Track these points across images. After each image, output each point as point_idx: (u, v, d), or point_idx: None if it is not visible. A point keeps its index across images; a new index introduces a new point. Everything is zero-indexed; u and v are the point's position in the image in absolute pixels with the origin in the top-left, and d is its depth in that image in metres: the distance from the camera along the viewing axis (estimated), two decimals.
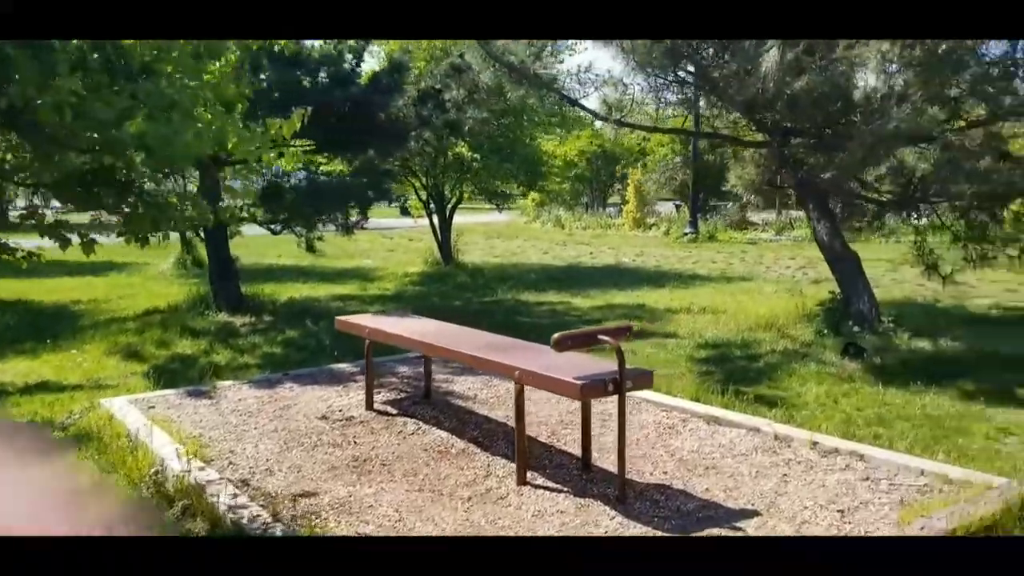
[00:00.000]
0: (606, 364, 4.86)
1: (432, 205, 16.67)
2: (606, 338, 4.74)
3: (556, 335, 4.72)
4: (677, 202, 30.30)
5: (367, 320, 6.80)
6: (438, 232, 16.91)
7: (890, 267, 15.40)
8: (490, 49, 9.42)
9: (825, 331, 8.95)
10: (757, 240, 24.11)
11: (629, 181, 27.79)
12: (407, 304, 12.85)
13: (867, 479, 5.03)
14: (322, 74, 10.52)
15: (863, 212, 10.50)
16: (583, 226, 30.57)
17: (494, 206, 16.79)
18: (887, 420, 6.39)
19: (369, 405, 6.56)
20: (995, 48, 8.90)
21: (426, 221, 16.63)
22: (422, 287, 14.83)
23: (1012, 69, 8.82)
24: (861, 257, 9.25)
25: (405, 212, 17.09)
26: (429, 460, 5.42)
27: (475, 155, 14.55)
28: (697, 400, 6.76)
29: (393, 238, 26.97)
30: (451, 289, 14.27)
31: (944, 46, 7.94)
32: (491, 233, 29.29)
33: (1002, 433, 6.02)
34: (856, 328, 8.72)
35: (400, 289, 14.69)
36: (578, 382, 4.55)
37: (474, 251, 22.82)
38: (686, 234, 24.00)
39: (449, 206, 16.87)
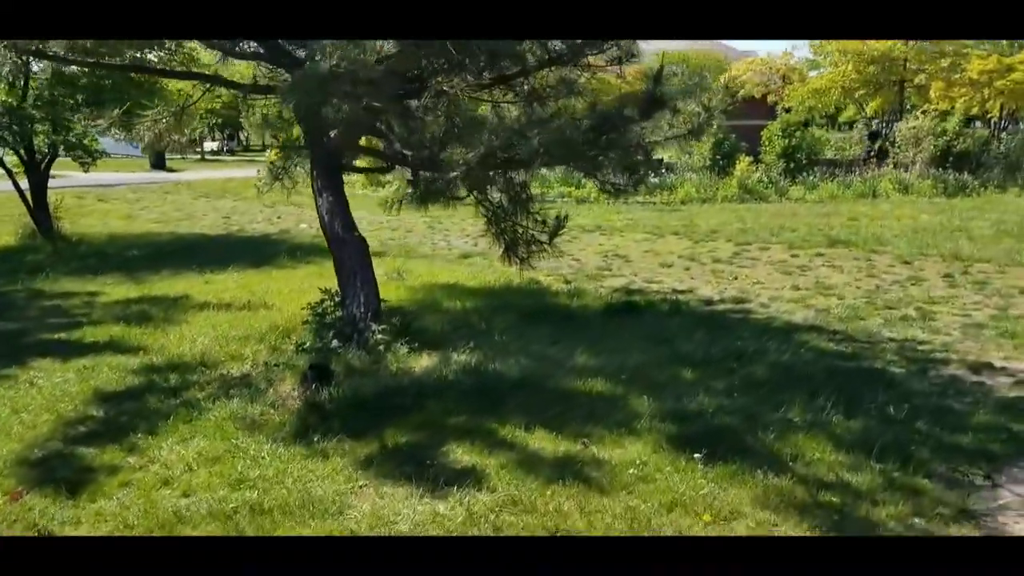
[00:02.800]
0: None
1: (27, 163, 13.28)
2: None
3: None
4: None
5: None
6: (28, 196, 13.57)
7: None
8: None
9: (307, 344, 6.70)
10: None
11: None
12: None
13: None
14: None
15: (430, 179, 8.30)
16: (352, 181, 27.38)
17: (79, 164, 13.60)
18: (184, 519, 4.14)
19: None
20: None
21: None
22: None
23: None
24: None
25: None
26: None
27: (10, 100, 11.31)
28: None
29: (85, 198, 23.10)
30: None
31: None
32: (211, 191, 25.85)
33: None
34: (336, 342, 6.51)
35: None
36: None
37: (146, 216, 19.57)
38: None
39: (44, 163, 13.53)
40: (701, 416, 5.47)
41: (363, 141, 7.92)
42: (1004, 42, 38.59)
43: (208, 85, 7.89)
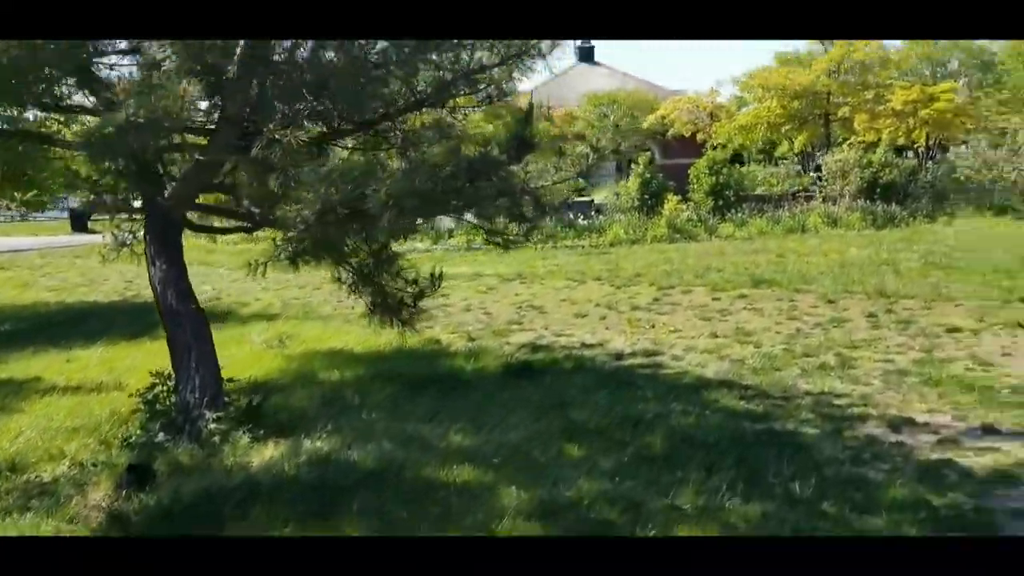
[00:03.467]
0: None
1: None
2: None
3: None
4: None
5: None
6: None
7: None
8: None
9: (132, 437, 5.77)
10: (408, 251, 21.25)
11: None
12: None
13: None
14: None
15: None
16: None
17: None
18: None
19: None
20: None
21: None
22: None
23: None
24: None
25: None
26: None
27: None
28: None
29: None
30: None
31: None
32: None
33: None
34: (163, 435, 5.59)
35: None
36: None
37: (45, 283, 18.36)
38: None
39: None
40: (575, 509, 4.67)
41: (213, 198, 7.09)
42: (927, 72, 39.42)
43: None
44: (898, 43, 40.00)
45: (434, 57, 6.40)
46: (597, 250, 19.71)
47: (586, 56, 49.06)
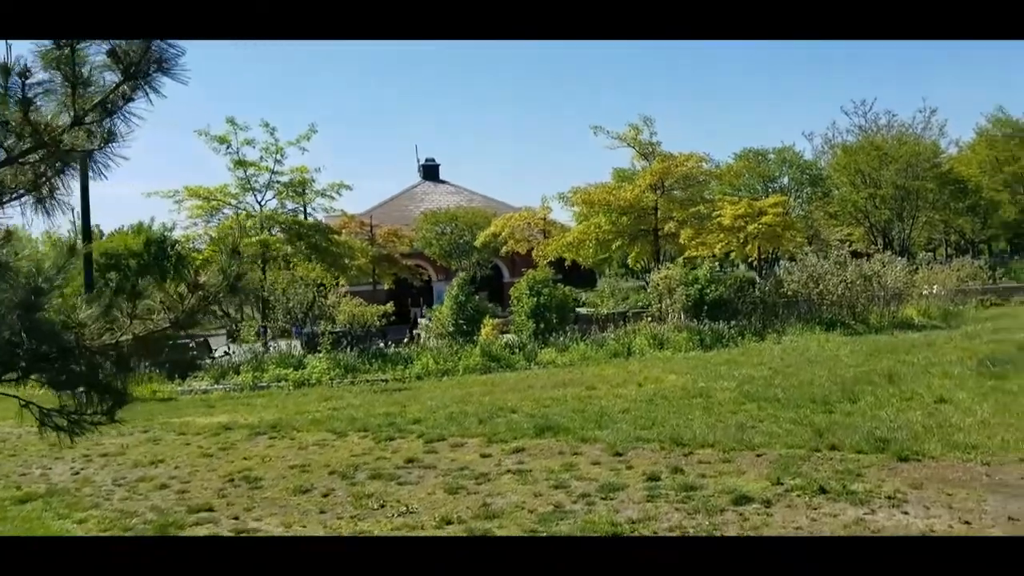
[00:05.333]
0: None
1: None
2: None
3: None
4: None
5: None
6: None
7: None
8: None
9: None
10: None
11: None
12: None
13: None
14: None
15: None
16: None
17: None
18: None
19: None
20: None
21: None
22: None
23: None
24: None
25: None
26: None
27: None
28: None
29: None
30: None
31: None
32: None
33: None
34: None
35: None
36: None
37: None
38: None
39: None
40: None
41: None
42: (759, 186, 40.08)
43: None
44: (730, 158, 40.84)
45: None
46: (401, 384, 17.37)
47: (430, 174, 48.08)
